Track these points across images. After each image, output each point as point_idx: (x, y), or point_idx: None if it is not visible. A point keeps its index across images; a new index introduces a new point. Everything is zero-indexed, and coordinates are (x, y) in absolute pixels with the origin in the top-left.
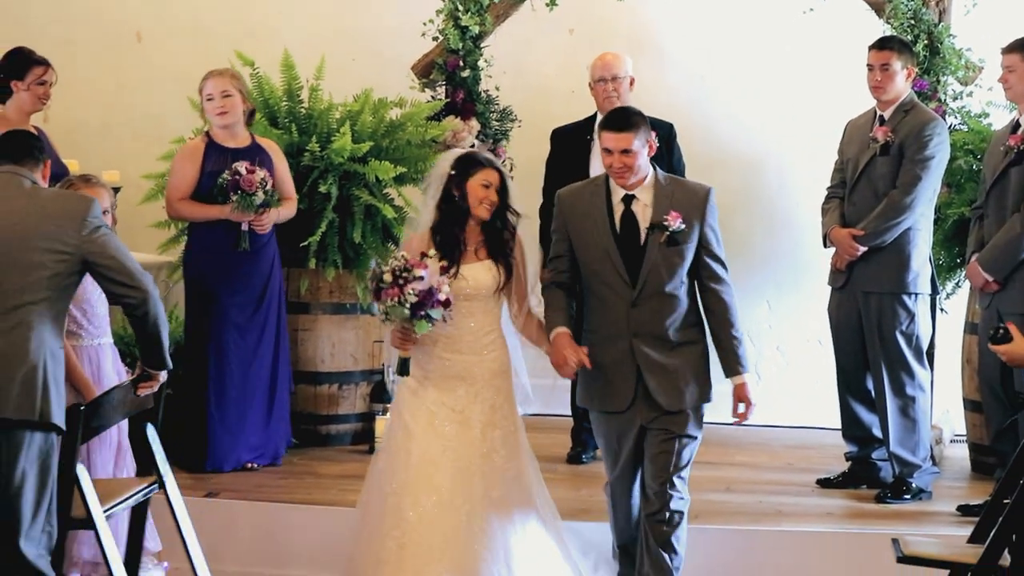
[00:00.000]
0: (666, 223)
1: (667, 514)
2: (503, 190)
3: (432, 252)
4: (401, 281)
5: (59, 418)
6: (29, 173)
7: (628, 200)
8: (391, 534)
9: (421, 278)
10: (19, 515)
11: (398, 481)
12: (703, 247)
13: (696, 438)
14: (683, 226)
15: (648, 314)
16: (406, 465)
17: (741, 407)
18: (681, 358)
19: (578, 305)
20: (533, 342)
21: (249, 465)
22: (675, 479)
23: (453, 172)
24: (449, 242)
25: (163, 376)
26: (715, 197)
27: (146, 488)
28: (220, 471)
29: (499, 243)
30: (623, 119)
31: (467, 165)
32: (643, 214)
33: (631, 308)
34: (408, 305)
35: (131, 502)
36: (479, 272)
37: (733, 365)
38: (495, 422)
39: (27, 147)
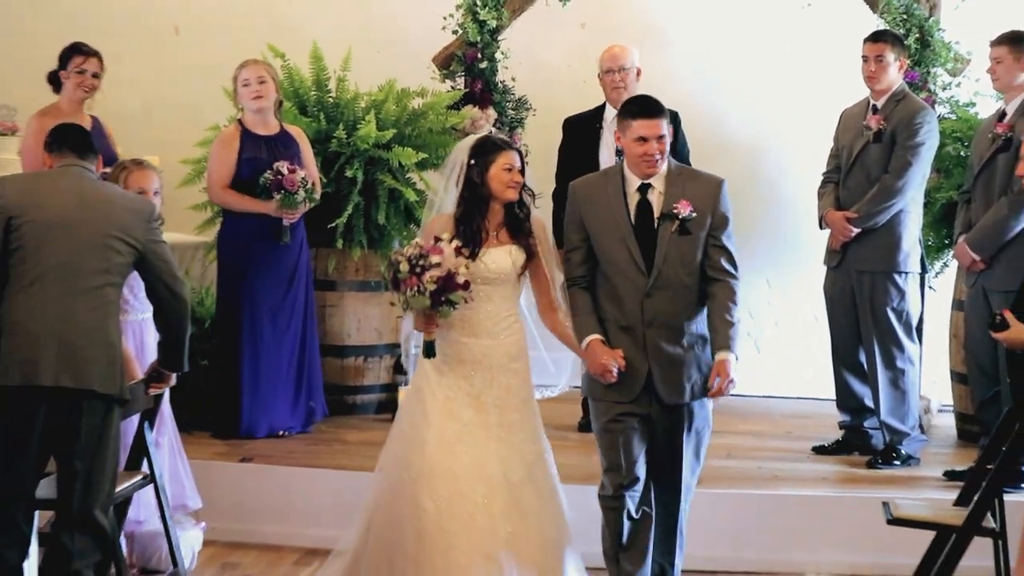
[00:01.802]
0: (675, 211)
1: (677, 524)
2: (523, 169)
3: (445, 235)
4: (418, 270)
5: (127, 393)
6: (91, 167)
7: (644, 189)
8: (410, 523)
9: (438, 264)
10: (100, 478)
11: (415, 469)
12: (711, 237)
13: (705, 429)
14: (693, 214)
15: (662, 304)
16: (422, 453)
17: (717, 380)
18: (690, 351)
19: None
20: (561, 340)
21: (281, 433)
22: (688, 485)
23: (472, 161)
24: (471, 231)
25: (174, 379)
26: (727, 188)
27: (134, 483)
28: (253, 438)
29: (519, 225)
30: (655, 105)
31: (486, 151)
32: (658, 203)
33: (645, 298)
34: (428, 293)
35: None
36: (499, 256)
37: (721, 341)
38: (512, 405)
39: (88, 143)
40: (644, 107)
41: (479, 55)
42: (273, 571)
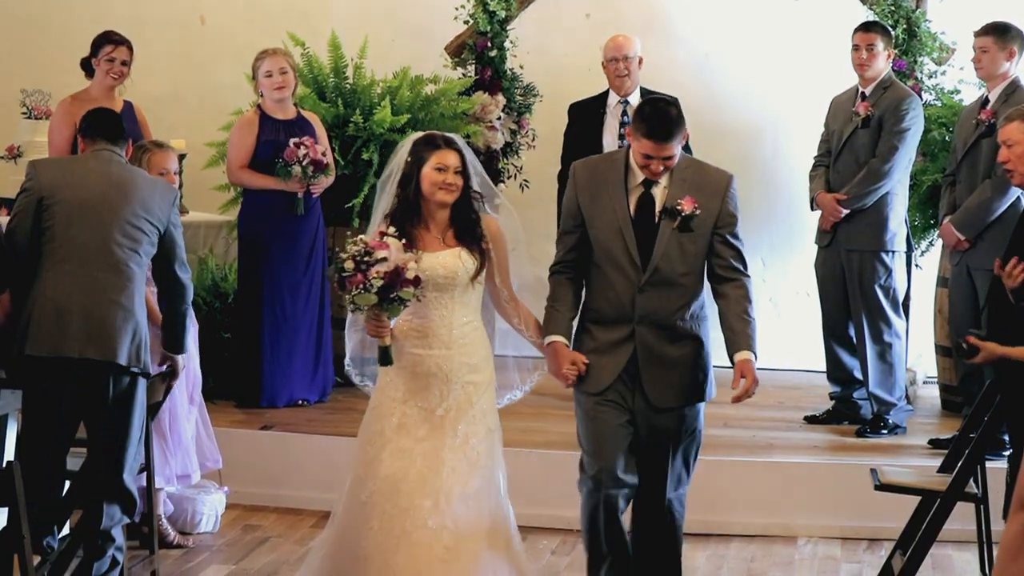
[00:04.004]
0: (679, 208)
1: (666, 531)
2: (465, 171)
3: (392, 230)
4: (363, 266)
5: (149, 367)
6: (121, 152)
7: (649, 183)
8: (357, 544)
9: (384, 259)
10: (126, 445)
11: (368, 491)
12: (719, 235)
13: (696, 436)
14: (698, 212)
15: (655, 301)
16: (375, 475)
17: (743, 381)
18: (681, 351)
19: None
20: (520, 332)
21: (300, 402)
22: (675, 491)
23: (409, 158)
24: (403, 232)
25: (180, 364)
26: (736, 185)
27: None
28: (274, 407)
29: (469, 228)
30: (667, 129)
31: (421, 149)
32: (661, 197)
33: (638, 293)
34: (375, 290)
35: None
36: (448, 259)
37: (740, 341)
38: (470, 417)
39: (120, 129)
40: (654, 130)
41: (489, 44)
42: (292, 533)
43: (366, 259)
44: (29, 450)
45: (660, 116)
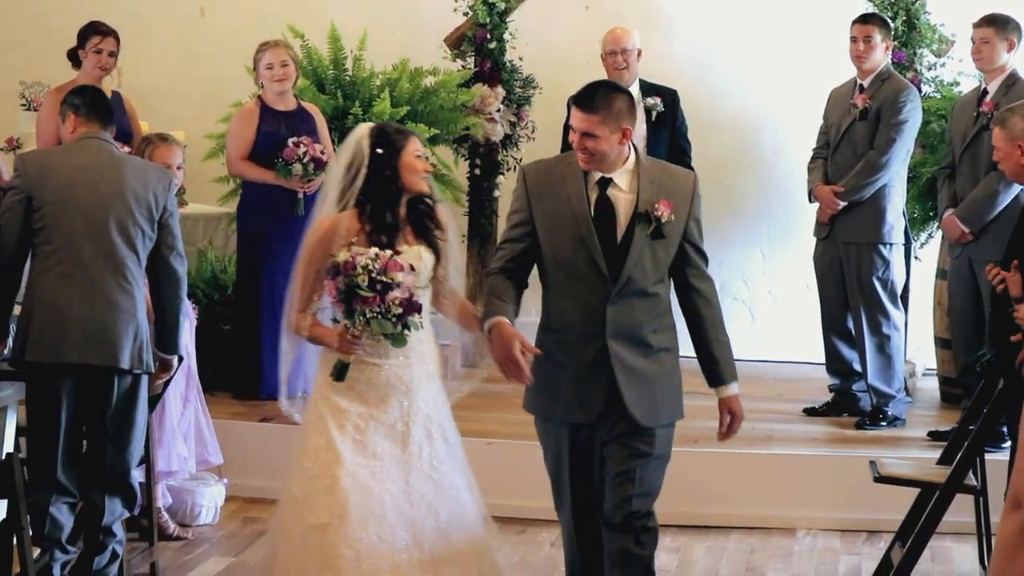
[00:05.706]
0: (657, 213)
1: (636, 548)
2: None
3: (404, 248)
4: (379, 286)
5: (152, 366)
6: (109, 137)
7: (604, 184)
8: (322, 574)
9: (400, 284)
10: (130, 440)
11: (324, 512)
12: (688, 240)
13: (668, 458)
14: (672, 217)
15: (627, 313)
16: (332, 493)
17: (728, 420)
18: (659, 366)
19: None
20: (462, 326)
21: (300, 394)
22: (646, 508)
23: (380, 150)
24: (385, 226)
25: (175, 363)
26: (699, 185)
27: None
28: (274, 399)
29: (425, 223)
30: (590, 98)
31: (393, 139)
32: (623, 201)
33: (608, 306)
34: (393, 317)
35: None
36: (410, 260)
37: (724, 374)
38: (431, 433)
39: (111, 111)
40: (580, 95)
41: (488, 36)
42: None
43: (382, 279)
44: (33, 451)
45: (591, 87)
